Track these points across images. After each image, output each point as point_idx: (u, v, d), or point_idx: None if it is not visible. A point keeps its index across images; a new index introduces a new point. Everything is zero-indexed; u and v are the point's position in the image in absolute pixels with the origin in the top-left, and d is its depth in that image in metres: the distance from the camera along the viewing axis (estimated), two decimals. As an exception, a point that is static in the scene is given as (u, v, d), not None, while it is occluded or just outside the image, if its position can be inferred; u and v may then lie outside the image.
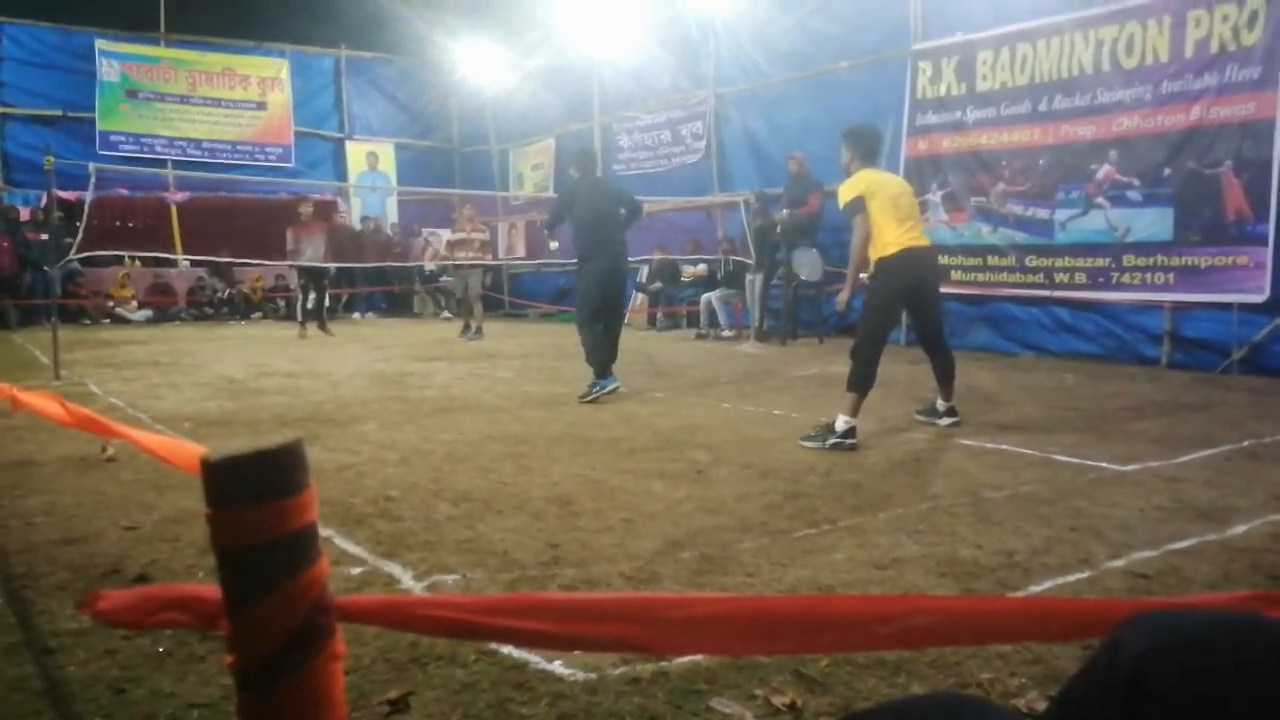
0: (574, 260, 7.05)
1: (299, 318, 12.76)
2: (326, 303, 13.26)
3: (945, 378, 5.29)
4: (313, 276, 12.45)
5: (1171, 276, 7.99)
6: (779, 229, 10.86)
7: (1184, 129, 7.86)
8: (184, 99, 16.81)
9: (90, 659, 2.21)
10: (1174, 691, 0.69)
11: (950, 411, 5.31)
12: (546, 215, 7.44)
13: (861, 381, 4.82)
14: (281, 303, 16.46)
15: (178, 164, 16.21)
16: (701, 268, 13.35)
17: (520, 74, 16.48)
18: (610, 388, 6.44)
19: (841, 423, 4.70)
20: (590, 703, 1.98)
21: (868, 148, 5.28)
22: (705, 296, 12.27)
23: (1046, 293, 8.94)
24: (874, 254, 5.01)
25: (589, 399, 6.33)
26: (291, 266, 12.73)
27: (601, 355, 6.58)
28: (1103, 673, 0.74)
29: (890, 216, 4.96)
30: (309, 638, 0.68)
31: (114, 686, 2.09)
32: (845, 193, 5.07)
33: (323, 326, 12.65)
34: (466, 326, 12.49)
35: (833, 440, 4.65)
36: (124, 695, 2.05)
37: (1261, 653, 0.71)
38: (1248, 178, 7.49)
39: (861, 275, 5.16)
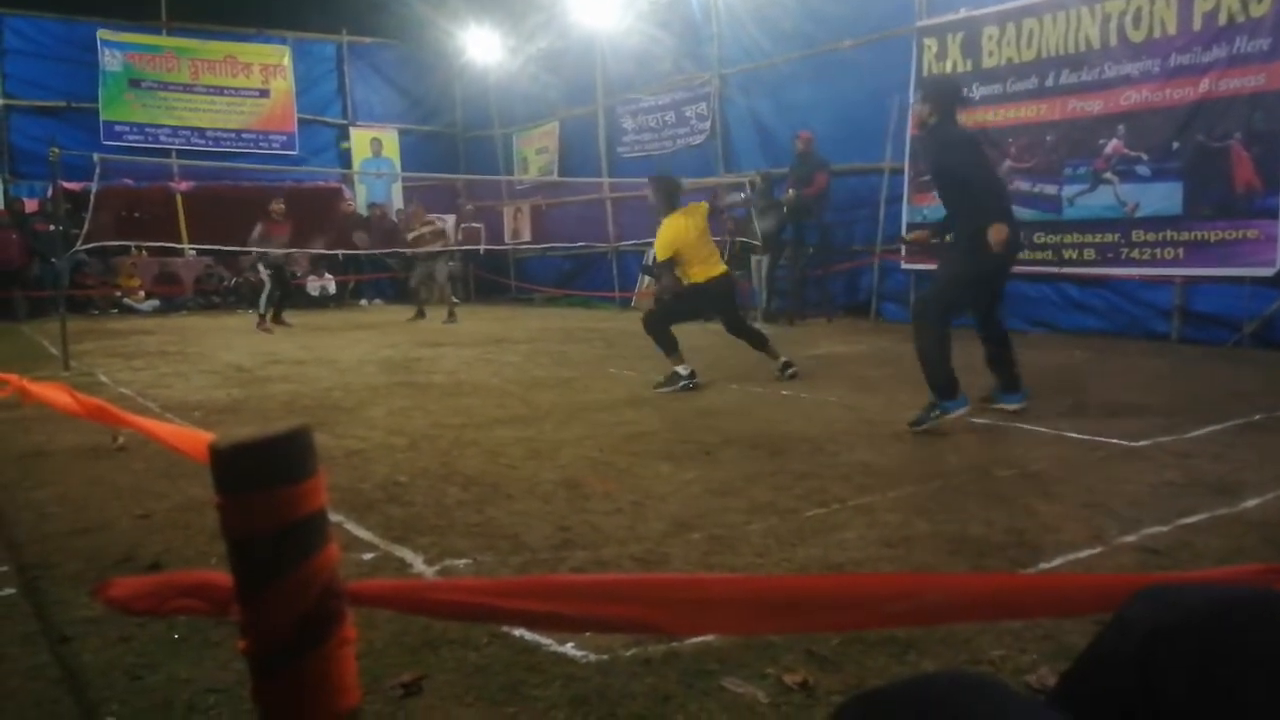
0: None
1: (261, 308, 12.14)
2: (289, 293, 12.93)
3: (761, 346, 6.59)
4: (278, 271, 12.15)
5: (1181, 251, 7.94)
6: (785, 209, 10.83)
7: (1193, 102, 7.79)
8: (187, 88, 16.76)
9: (105, 646, 2.23)
10: (1183, 667, 0.69)
11: (784, 366, 6.44)
12: (983, 187, 4.59)
13: (671, 344, 6.28)
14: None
15: (182, 153, 16.21)
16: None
17: (522, 58, 16.41)
18: (957, 412, 4.51)
19: (683, 369, 6.13)
20: (603, 684, 1.99)
21: (675, 196, 6.46)
22: (711, 278, 12.22)
23: (1055, 269, 8.89)
24: (686, 278, 6.35)
25: (923, 427, 4.49)
26: (258, 254, 12.12)
27: (948, 369, 4.54)
28: (1112, 649, 0.74)
29: (693, 259, 6.28)
30: (321, 622, 0.68)
31: (130, 673, 2.10)
32: (663, 250, 6.29)
33: (278, 318, 12.15)
34: (420, 313, 12.88)
35: (681, 384, 6.05)
36: (140, 681, 2.07)
37: (1270, 628, 0.70)
38: (1257, 150, 7.43)
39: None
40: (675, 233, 6.24)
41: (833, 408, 5.31)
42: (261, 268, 12.27)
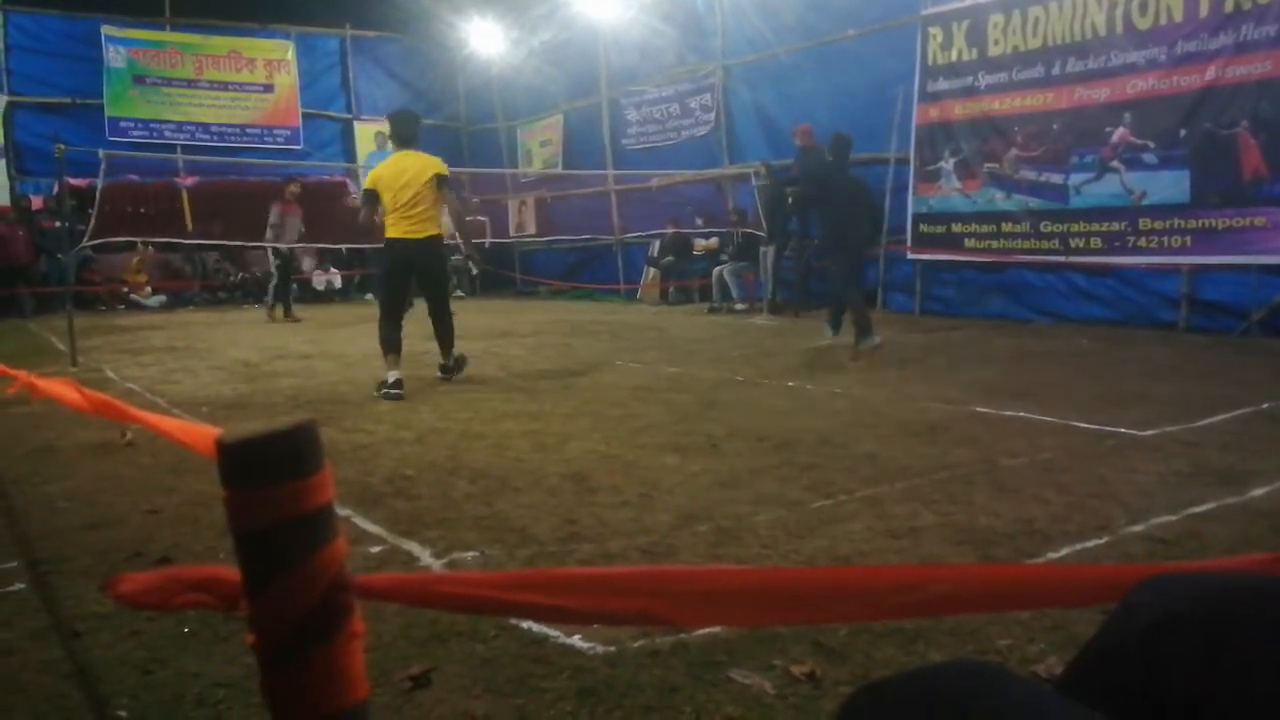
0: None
1: (269, 300, 12.19)
2: (292, 285, 12.86)
3: (443, 342, 6.29)
4: (286, 262, 12.15)
5: (1188, 239, 7.91)
6: (790, 200, 10.79)
7: (1199, 89, 7.75)
8: (191, 83, 16.78)
9: (116, 641, 2.24)
10: (1187, 657, 0.69)
11: (443, 369, 6.30)
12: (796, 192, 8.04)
13: (383, 342, 5.92)
14: (294, 285, 16.48)
15: (187, 148, 16.22)
16: (713, 241, 13.30)
17: (525, 50, 16.38)
18: (873, 342, 6.95)
19: (390, 376, 5.73)
20: (610, 675, 2.00)
21: (396, 131, 6.34)
22: (717, 270, 12.23)
23: (1062, 258, 8.87)
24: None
25: (863, 350, 6.85)
26: (273, 247, 12.07)
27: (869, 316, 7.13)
28: (1117, 638, 0.74)
29: (390, 207, 5.97)
30: (328, 616, 0.69)
31: (141, 668, 2.11)
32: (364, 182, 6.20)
33: (286, 311, 12.08)
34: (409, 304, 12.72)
35: (383, 391, 5.67)
36: (151, 676, 2.08)
37: (1276, 617, 0.70)
38: (1265, 137, 7.39)
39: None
40: (376, 171, 6.22)
41: (838, 399, 5.30)
42: (272, 256, 12.21)
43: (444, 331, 6.25)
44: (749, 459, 3.90)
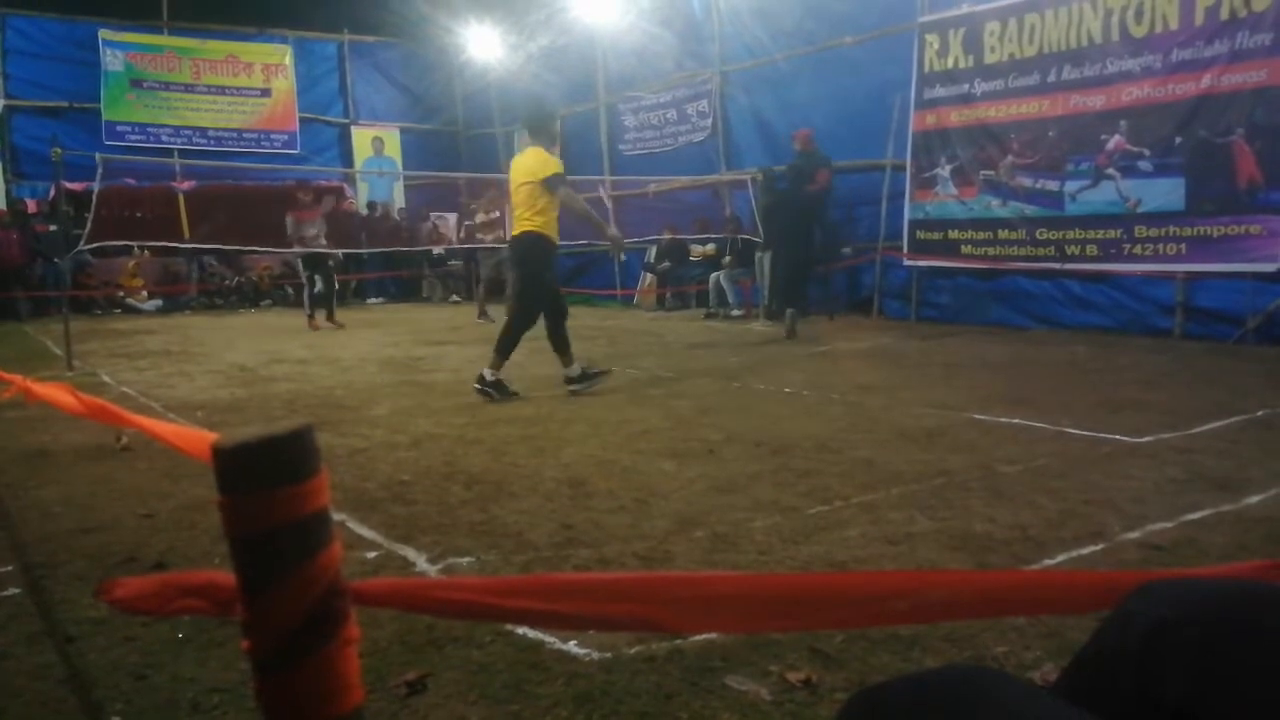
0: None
1: (306, 308, 11.99)
2: (336, 288, 12.58)
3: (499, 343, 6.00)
4: (317, 263, 11.99)
5: (1184, 247, 7.93)
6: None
7: (1195, 97, 7.77)
8: (188, 87, 16.77)
9: (111, 646, 2.23)
10: (1184, 662, 0.69)
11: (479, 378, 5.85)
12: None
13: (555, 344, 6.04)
14: (290, 290, 16.46)
15: (184, 153, 16.20)
16: (710, 247, 13.31)
17: (523, 55, 16.40)
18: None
19: (573, 370, 5.90)
20: (606, 682, 1.99)
21: (530, 126, 6.10)
22: (714, 276, 12.24)
23: (1057, 265, 8.89)
24: None
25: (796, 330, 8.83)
26: (296, 254, 12.13)
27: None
28: (1115, 643, 0.74)
29: (513, 205, 5.92)
30: (324, 621, 0.68)
31: (135, 673, 2.11)
32: None
33: (330, 317, 11.94)
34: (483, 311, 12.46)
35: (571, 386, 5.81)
36: (145, 681, 2.07)
37: (1276, 622, 0.70)
38: (1260, 145, 7.41)
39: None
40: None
41: (835, 405, 5.31)
42: (300, 266, 12.12)
43: (503, 328, 6.06)
44: (745, 464, 3.90)
